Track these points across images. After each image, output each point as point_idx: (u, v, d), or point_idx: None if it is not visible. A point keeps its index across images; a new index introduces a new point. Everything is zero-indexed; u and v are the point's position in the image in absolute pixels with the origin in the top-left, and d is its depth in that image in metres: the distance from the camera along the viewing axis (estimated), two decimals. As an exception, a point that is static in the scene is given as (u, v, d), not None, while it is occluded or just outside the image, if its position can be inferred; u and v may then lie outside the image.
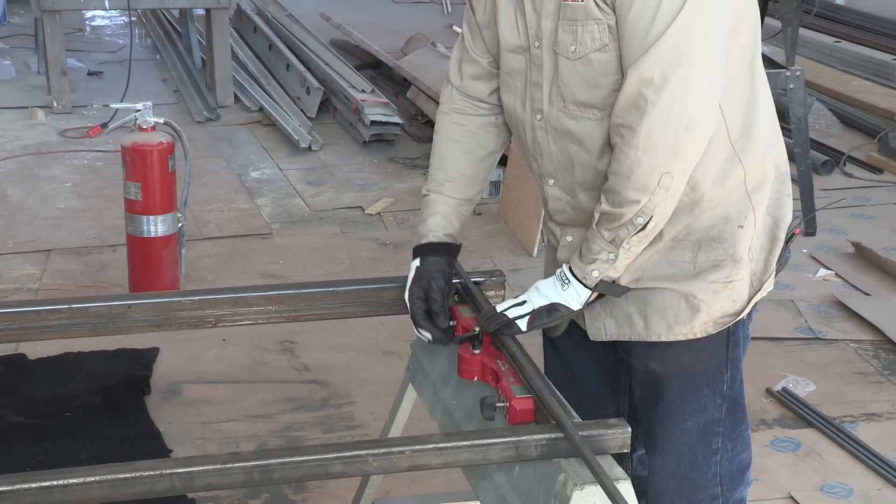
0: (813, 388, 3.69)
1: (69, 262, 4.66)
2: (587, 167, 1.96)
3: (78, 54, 8.16)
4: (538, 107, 1.98)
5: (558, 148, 1.98)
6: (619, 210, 1.87)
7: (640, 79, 1.79)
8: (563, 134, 1.95)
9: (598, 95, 1.88)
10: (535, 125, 2.00)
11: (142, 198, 4.08)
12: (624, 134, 1.84)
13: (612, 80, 1.86)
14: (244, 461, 1.60)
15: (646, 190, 1.84)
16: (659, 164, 1.82)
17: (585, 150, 1.94)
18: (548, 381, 1.83)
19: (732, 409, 2.09)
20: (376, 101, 6.41)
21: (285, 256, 4.80)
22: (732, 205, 1.96)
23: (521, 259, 4.79)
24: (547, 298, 1.96)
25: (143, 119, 4.09)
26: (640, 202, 1.85)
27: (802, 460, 3.30)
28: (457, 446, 1.66)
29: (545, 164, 2.02)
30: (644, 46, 1.79)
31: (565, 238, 2.06)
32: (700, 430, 2.07)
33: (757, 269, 2.02)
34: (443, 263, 2.15)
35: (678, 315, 1.98)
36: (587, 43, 1.85)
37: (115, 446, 3.28)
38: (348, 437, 3.37)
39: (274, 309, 2.21)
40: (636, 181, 1.84)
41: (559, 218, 2.06)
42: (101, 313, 2.13)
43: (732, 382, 2.07)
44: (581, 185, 1.98)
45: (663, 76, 1.78)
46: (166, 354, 3.86)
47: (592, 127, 1.91)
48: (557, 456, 1.67)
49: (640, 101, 1.80)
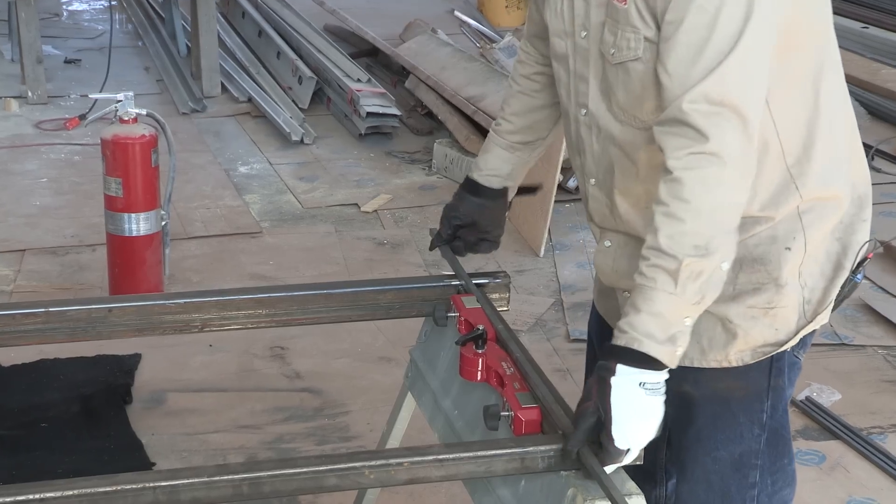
0: (838, 398, 3.70)
1: (45, 262, 4.66)
2: (627, 174, 1.92)
3: (54, 41, 8.17)
4: (583, 101, 1.95)
5: (601, 148, 1.95)
6: (706, 260, 1.74)
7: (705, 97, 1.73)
8: (606, 135, 1.93)
9: (638, 104, 1.86)
10: (580, 119, 1.97)
11: (123, 194, 4.08)
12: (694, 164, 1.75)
13: (652, 94, 1.82)
14: (232, 474, 1.61)
15: (726, 227, 1.76)
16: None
17: (627, 157, 1.91)
18: (554, 388, 1.83)
19: (773, 441, 2.04)
20: (373, 91, 6.41)
21: (276, 257, 4.80)
22: (780, 224, 1.91)
23: (526, 259, 4.79)
24: (655, 427, 1.76)
25: (125, 110, 4.09)
26: (726, 245, 1.76)
27: (827, 474, 3.30)
28: (458, 458, 1.67)
29: (587, 163, 2.00)
30: (696, 73, 1.73)
31: (604, 242, 2.03)
32: (734, 461, 2.02)
33: (811, 297, 1.95)
34: (475, 204, 2.26)
35: (713, 340, 1.94)
36: (623, 49, 1.83)
37: (95, 459, 3.28)
38: (343, 448, 3.38)
39: (264, 312, 2.22)
40: (722, 218, 1.76)
41: (598, 219, 2.04)
42: (79, 317, 2.14)
43: (774, 412, 2.01)
44: (620, 192, 1.95)
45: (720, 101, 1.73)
46: (149, 361, 3.86)
47: (635, 135, 1.88)
48: (565, 468, 1.68)
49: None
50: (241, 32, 8.00)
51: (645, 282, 1.75)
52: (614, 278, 2.03)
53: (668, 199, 1.75)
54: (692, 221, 1.73)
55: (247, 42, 7.80)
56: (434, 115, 6.40)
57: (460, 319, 2.10)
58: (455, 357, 2.03)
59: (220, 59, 7.18)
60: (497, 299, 2.25)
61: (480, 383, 1.95)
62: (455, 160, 5.75)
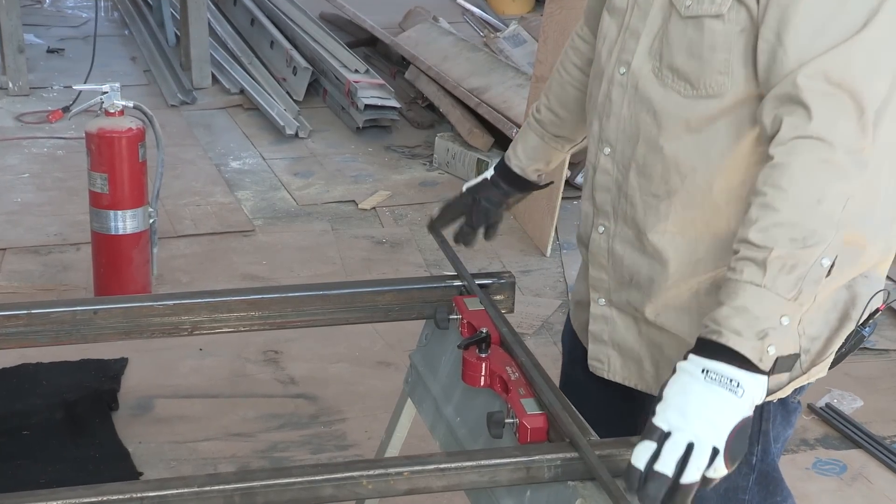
0: (860, 404, 3.70)
1: (27, 262, 4.67)
2: (651, 146, 1.87)
3: (36, 29, 8.18)
4: (626, 58, 1.90)
5: (630, 113, 1.90)
6: (804, 252, 1.62)
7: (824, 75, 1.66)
8: (642, 98, 1.87)
9: (696, 69, 1.79)
10: (615, 79, 1.92)
11: (109, 190, 4.09)
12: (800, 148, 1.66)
13: (720, 59, 1.77)
14: (223, 484, 1.61)
15: (832, 219, 1.63)
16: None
17: (657, 125, 1.86)
18: (561, 394, 1.83)
19: (763, 482, 2.01)
20: (371, 82, 6.42)
21: (269, 256, 4.81)
22: None
23: (532, 259, 4.79)
24: (716, 423, 1.57)
25: (110, 102, 4.10)
26: (829, 237, 1.63)
27: (848, 485, 3.30)
28: (461, 467, 1.67)
29: (608, 128, 1.94)
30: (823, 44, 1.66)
31: (597, 228, 1.99)
32: (720, 496, 1.99)
33: (810, 347, 1.85)
34: (499, 195, 2.31)
35: None
36: (705, 2, 1.77)
37: (79, 468, 3.29)
38: (339, 457, 3.38)
39: (257, 314, 2.22)
40: (828, 207, 1.63)
41: (599, 197, 1.98)
42: (63, 319, 2.14)
43: (764, 456, 1.98)
44: (637, 165, 1.90)
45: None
46: (136, 365, 3.87)
47: (676, 103, 1.83)
48: (573, 478, 1.68)
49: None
50: (233, 21, 8.00)
51: (731, 275, 1.65)
52: (601, 275, 2.00)
53: (765, 187, 1.65)
54: (789, 212, 1.63)
55: (239, 31, 7.81)
56: (435, 108, 6.41)
57: (463, 322, 2.11)
58: (457, 362, 2.03)
59: (211, 48, 7.19)
60: (501, 301, 2.25)
61: (484, 389, 1.95)
62: (457, 155, 5.76)
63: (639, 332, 1.98)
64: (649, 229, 1.91)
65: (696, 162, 1.83)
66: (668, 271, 1.90)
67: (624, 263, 1.96)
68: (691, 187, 1.85)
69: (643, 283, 1.94)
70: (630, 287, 1.97)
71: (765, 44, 1.71)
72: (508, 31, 7.19)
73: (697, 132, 1.82)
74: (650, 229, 1.90)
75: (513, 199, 2.34)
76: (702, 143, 1.82)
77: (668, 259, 1.90)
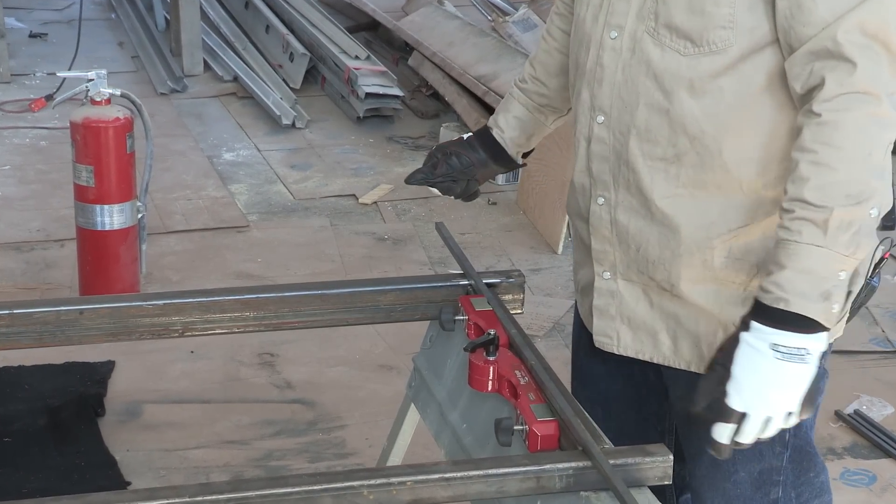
0: (891, 411, 3.70)
1: (8, 259, 4.68)
2: (655, 109, 1.90)
3: (17, 12, 8.19)
4: (617, 22, 1.92)
5: (625, 78, 1.92)
6: (858, 208, 1.72)
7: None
8: (640, 61, 1.90)
9: (698, 25, 1.83)
10: (605, 44, 1.94)
11: (95, 184, 4.10)
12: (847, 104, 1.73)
13: (723, 14, 1.80)
14: (216, 494, 1.62)
15: (880, 169, 1.74)
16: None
17: (660, 89, 1.88)
18: (573, 399, 1.84)
19: (797, 458, 2.06)
20: (372, 69, 6.42)
21: (265, 253, 4.82)
22: None
23: (543, 257, 4.80)
24: (791, 396, 1.75)
25: (96, 90, 4.10)
26: (879, 188, 1.74)
27: (878, 496, 3.30)
28: (467, 477, 1.68)
29: (601, 95, 1.96)
30: None
31: (596, 201, 2.01)
32: (754, 481, 2.04)
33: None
34: (472, 157, 2.31)
35: (713, 346, 1.94)
36: None
37: (64, 477, 3.30)
38: (339, 466, 3.39)
39: (251, 315, 2.23)
40: (877, 158, 1.74)
41: (596, 167, 2.00)
42: (47, 320, 2.14)
43: (797, 430, 2.01)
44: (637, 131, 1.92)
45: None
46: (124, 369, 3.88)
47: (678, 63, 1.86)
48: (585, 488, 1.68)
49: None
50: (226, 4, 8.01)
51: (789, 236, 1.74)
52: (605, 247, 2.02)
53: (815, 145, 1.73)
54: (846, 170, 1.72)
55: (232, 15, 7.81)
56: (440, 96, 6.41)
57: (469, 323, 2.11)
58: (463, 365, 2.03)
59: (203, 33, 7.19)
60: (510, 301, 2.26)
61: (491, 394, 1.96)
62: (464, 146, 5.75)
63: (650, 304, 2.01)
64: (657, 195, 1.93)
65: (703, 122, 1.87)
66: (679, 236, 1.93)
67: (629, 233, 1.98)
68: (700, 148, 1.88)
69: (653, 252, 1.97)
70: (637, 257, 1.99)
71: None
72: (518, 14, 7.18)
73: (703, 91, 1.85)
74: (658, 195, 1.93)
75: (482, 170, 2.32)
76: (708, 103, 1.86)
77: (679, 224, 1.93)
